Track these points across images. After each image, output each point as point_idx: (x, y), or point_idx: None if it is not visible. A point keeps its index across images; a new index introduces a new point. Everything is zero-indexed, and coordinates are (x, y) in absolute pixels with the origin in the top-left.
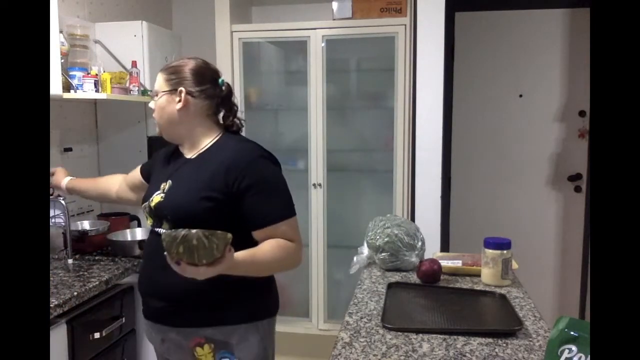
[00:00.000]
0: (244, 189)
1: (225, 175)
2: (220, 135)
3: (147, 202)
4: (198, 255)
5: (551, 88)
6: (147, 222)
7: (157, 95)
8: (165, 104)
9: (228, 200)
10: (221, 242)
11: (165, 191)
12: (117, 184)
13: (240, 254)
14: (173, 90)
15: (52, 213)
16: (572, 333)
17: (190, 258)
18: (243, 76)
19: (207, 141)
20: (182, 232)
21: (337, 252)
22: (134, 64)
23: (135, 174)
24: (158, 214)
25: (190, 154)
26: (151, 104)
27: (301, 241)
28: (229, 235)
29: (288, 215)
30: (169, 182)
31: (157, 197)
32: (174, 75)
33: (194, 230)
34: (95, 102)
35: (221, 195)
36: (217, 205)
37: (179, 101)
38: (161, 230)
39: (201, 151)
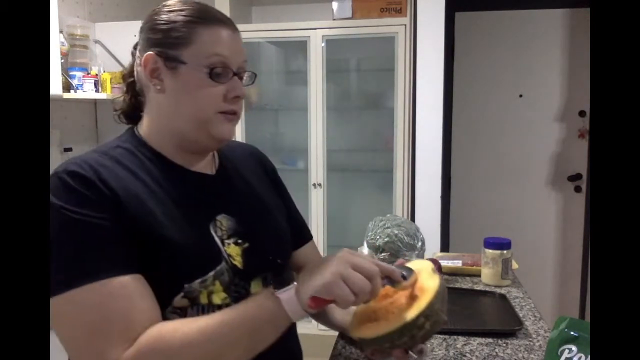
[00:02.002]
0: (286, 194)
1: (272, 182)
2: None
3: (221, 266)
4: None
5: (551, 88)
6: (215, 299)
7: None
8: None
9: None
10: None
11: (235, 233)
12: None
13: None
14: None
15: None
16: (572, 333)
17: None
18: None
19: None
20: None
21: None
22: None
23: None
24: (251, 269)
25: (205, 168)
26: (242, 89)
27: None
28: None
29: None
30: (224, 216)
31: (234, 249)
32: None
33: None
34: (95, 102)
35: (284, 210)
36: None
37: None
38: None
39: (216, 159)
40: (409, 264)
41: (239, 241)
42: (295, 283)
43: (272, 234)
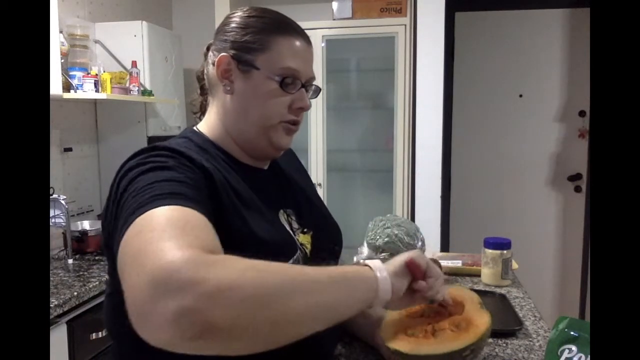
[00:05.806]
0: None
1: (307, 176)
2: None
3: (297, 255)
4: None
5: (551, 88)
6: None
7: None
8: None
9: None
10: None
11: (299, 224)
12: None
13: None
14: None
15: (52, 213)
16: (572, 333)
17: None
18: None
19: None
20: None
21: None
22: (134, 64)
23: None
24: (317, 257)
25: (260, 163)
26: (307, 101)
27: None
28: None
29: None
30: (288, 210)
31: (305, 237)
32: None
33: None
34: (95, 102)
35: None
36: None
37: None
38: None
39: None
40: (452, 289)
41: (305, 230)
42: (368, 261)
43: (326, 223)
